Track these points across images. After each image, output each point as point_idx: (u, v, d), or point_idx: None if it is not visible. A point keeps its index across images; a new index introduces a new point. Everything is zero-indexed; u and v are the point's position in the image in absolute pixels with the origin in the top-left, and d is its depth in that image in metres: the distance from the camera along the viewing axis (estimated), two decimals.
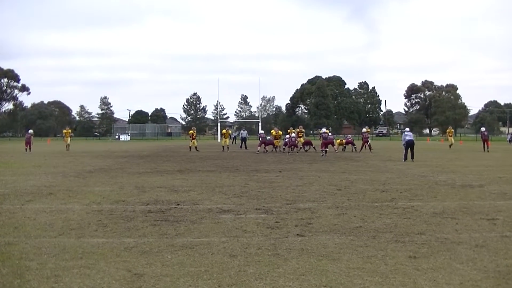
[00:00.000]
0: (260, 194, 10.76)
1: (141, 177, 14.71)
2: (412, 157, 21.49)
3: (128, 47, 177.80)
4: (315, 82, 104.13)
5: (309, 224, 7.41)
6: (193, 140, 33.00)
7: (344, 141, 32.66)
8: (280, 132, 31.88)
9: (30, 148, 32.35)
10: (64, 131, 37.47)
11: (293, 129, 33.89)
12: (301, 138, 31.47)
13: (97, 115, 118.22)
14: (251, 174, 15.58)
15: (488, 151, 29.81)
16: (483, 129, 33.48)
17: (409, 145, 21.71)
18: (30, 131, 35.48)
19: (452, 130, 40.40)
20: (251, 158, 24.32)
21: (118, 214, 8.29)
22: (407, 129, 24.94)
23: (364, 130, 33.49)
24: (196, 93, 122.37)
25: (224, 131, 33.95)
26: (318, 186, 12.23)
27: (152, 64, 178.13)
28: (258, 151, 29.06)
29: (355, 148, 31.38)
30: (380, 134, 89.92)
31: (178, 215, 8.24)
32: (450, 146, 36.25)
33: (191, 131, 34.33)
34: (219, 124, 70.38)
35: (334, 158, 24.06)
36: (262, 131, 31.93)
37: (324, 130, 30.56)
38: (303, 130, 33.07)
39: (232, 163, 20.70)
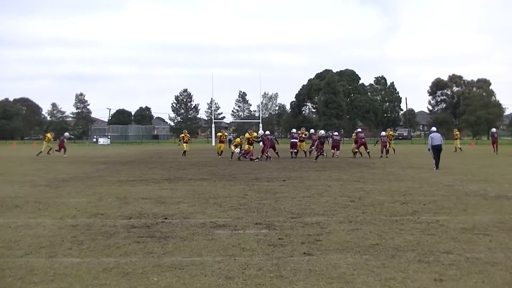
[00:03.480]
0: (261, 207, 10.74)
1: (123, 187, 14.69)
2: (437, 165, 21.18)
3: (108, 36, 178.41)
4: (324, 77, 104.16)
5: (317, 241, 7.39)
6: (185, 144, 33.96)
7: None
8: (255, 134, 30.93)
9: (65, 151, 34.97)
10: (48, 135, 37.74)
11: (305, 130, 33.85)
12: (304, 143, 31.89)
13: (71, 115, 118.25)
14: (250, 183, 15.56)
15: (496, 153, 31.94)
16: (494, 130, 34.66)
17: (436, 150, 21.33)
18: (66, 134, 40.52)
19: (458, 132, 41.35)
20: (251, 165, 24.31)
21: (96, 230, 8.28)
22: (434, 129, 24.03)
23: (383, 133, 33.52)
24: (186, 89, 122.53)
25: (219, 134, 33.82)
26: (328, 197, 12.22)
27: (136, 56, 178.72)
28: (257, 158, 28.38)
29: (367, 151, 31.09)
30: (400, 137, 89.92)
31: (166, 230, 8.22)
32: (455, 149, 37.02)
33: (183, 134, 35.32)
34: (213, 125, 70.61)
35: (347, 165, 24.05)
36: (268, 132, 31.87)
37: (322, 132, 31.75)
38: (306, 133, 33.13)
39: (229, 171, 20.69)
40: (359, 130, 33.90)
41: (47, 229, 8.34)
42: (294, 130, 33.55)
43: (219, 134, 34.08)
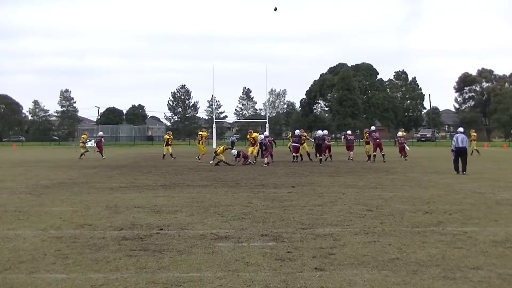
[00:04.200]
0: (268, 216, 10.74)
1: (114, 194, 14.72)
2: (464, 169, 21.22)
3: (96, 26, 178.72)
4: (338, 72, 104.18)
5: (330, 255, 7.39)
6: (167, 147, 35.18)
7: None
8: (255, 134, 30.95)
9: (101, 152, 36.31)
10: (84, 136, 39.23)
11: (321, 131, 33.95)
12: (305, 144, 32.15)
13: (56, 114, 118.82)
14: (255, 190, 15.57)
15: None
16: None
17: (460, 152, 21.31)
18: (100, 133, 41.42)
19: (475, 133, 41.48)
20: (256, 170, 24.31)
21: (83, 242, 8.29)
22: (461, 129, 23.46)
23: (399, 134, 33.61)
24: (184, 85, 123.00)
25: (221, 149, 31.29)
26: (343, 206, 12.21)
27: (127, 47, 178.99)
28: (266, 163, 28.27)
29: (382, 154, 30.97)
30: (423, 139, 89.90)
31: (161, 243, 8.23)
32: (471, 153, 37.17)
33: (167, 136, 36.21)
34: (214, 125, 70.66)
35: (363, 170, 24.03)
36: (267, 133, 31.80)
37: (319, 132, 31.45)
38: (305, 135, 33.32)
39: (232, 176, 20.70)
40: (373, 128, 33.91)
41: (27, 242, 8.35)
42: (298, 132, 32.84)
43: (221, 149, 31.76)
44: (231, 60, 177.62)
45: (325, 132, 32.48)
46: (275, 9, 37.54)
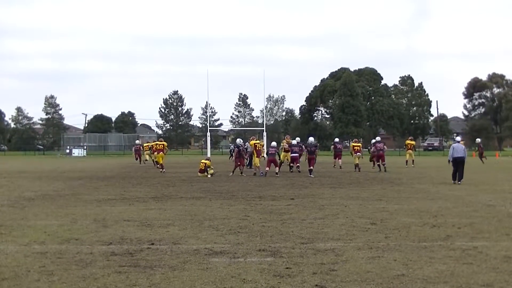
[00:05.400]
0: (265, 230, 10.75)
1: (102, 207, 14.71)
2: (460, 178, 22.07)
3: (83, 26, 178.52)
4: (340, 77, 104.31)
5: (332, 271, 7.39)
6: (146, 153, 37.93)
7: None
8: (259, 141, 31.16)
9: (140, 160, 40.30)
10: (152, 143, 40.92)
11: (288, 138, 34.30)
12: (288, 153, 31.20)
13: (40, 121, 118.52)
14: (252, 203, 15.58)
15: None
16: None
17: (457, 162, 22.36)
18: (137, 141, 44.24)
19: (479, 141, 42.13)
20: (253, 181, 24.32)
21: (69, 258, 8.29)
22: (458, 138, 25.20)
23: (378, 139, 33.85)
24: (177, 91, 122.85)
25: (207, 163, 30.53)
26: (345, 219, 12.22)
27: (116, 50, 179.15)
28: (262, 173, 28.36)
29: (383, 164, 31.14)
30: (430, 148, 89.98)
31: (152, 258, 8.23)
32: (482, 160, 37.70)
33: (152, 143, 37.23)
34: (208, 133, 70.58)
35: (367, 180, 24.05)
36: (274, 143, 31.71)
37: (311, 139, 30.67)
38: (290, 141, 33.29)
39: (227, 187, 20.71)
40: (378, 138, 34.19)
41: (10, 257, 8.34)
42: (297, 140, 33.35)
43: (207, 163, 31.18)
44: (226, 64, 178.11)
45: (337, 140, 33.57)
46: None
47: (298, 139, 34.34)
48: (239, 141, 30.96)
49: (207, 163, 27.80)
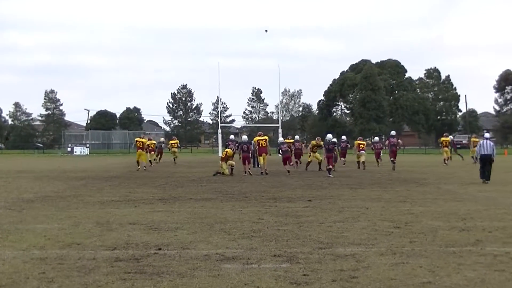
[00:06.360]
0: (281, 234, 10.74)
1: (106, 209, 14.76)
2: (488, 177, 22.22)
3: (86, 18, 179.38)
4: (361, 69, 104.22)
5: (352, 279, 7.37)
6: (150, 153, 37.23)
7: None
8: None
9: (160, 159, 41.30)
10: (172, 142, 45.44)
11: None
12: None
13: (40, 118, 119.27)
14: (267, 204, 15.58)
15: None
16: None
17: (485, 160, 22.53)
18: (162, 139, 46.70)
19: (477, 139, 42.05)
20: (268, 181, 24.31)
21: (70, 264, 8.31)
22: (487, 135, 24.92)
23: (451, 137, 34.54)
24: (186, 85, 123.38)
25: (228, 151, 29.78)
26: (366, 222, 12.19)
27: (121, 43, 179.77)
28: (289, 169, 28.89)
29: (393, 162, 32.08)
30: (459, 145, 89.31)
31: (159, 264, 8.24)
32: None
33: (145, 140, 37.43)
34: (220, 130, 70.71)
35: (389, 181, 23.98)
36: (282, 139, 32.32)
37: (330, 136, 29.88)
38: (292, 140, 33.75)
39: (239, 188, 20.72)
40: (393, 133, 35.13)
41: (7, 264, 8.37)
42: (297, 137, 34.88)
43: (228, 152, 31.56)
44: (238, 56, 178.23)
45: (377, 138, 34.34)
46: (266, 31, 39.57)
47: (297, 137, 35.31)
48: (244, 137, 31.40)
49: (229, 151, 28.31)
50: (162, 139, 46.66)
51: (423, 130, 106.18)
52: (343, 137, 38.98)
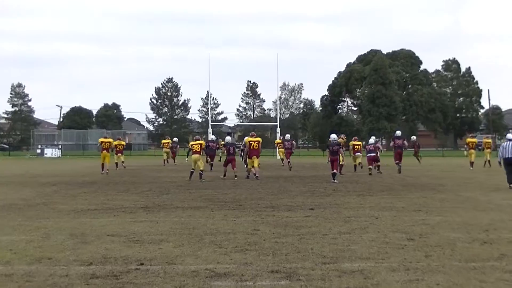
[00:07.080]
0: (279, 247, 10.75)
1: (80, 219, 14.75)
2: (511, 182, 22.49)
3: (56, 1, 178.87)
4: (370, 61, 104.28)
5: None
6: (118, 155, 39.27)
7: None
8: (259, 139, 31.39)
9: (174, 159, 46.50)
10: (164, 141, 48.02)
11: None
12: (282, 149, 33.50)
13: (5, 115, 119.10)
14: (263, 214, 15.59)
15: None
16: None
17: (508, 164, 22.74)
18: (175, 139, 50.73)
19: (489, 140, 42.72)
20: (264, 187, 24.31)
21: (40, 281, 8.31)
22: (510, 136, 24.47)
23: (371, 141, 34.45)
24: (171, 78, 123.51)
25: (202, 143, 30.38)
26: (376, 234, 12.21)
27: (98, 30, 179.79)
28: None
29: (398, 164, 32.21)
30: (480, 147, 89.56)
31: (141, 282, 8.24)
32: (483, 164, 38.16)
33: (110, 140, 37.72)
34: (210, 129, 70.66)
35: (402, 187, 24.00)
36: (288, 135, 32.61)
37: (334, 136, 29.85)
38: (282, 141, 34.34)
39: (233, 195, 20.72)
40: (398, 133, 35.50)
41: None
42: (288, 136, 36.21)
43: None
44: (231, 46, 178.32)
45: (373, 138, 34.02)
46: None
47: (288, 136, 35.68)
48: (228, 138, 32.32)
49: (202, 143, 28.86)
50: (175, 139, 50.53)
51: (440, 130, 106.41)
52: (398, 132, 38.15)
